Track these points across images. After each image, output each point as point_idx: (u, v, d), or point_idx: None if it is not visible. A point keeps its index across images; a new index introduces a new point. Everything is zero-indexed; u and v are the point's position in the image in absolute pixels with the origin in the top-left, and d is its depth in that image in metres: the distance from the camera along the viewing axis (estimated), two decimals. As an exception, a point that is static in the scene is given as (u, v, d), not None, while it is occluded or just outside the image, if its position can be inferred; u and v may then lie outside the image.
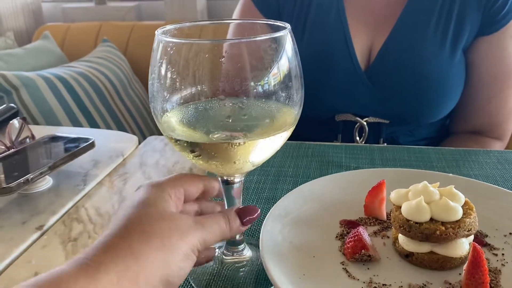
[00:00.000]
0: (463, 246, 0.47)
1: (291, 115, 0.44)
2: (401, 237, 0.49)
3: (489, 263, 0.47)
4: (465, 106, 0.99)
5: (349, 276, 0.46)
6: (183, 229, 0.38)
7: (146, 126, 1.81)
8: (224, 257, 0.51)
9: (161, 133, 0.49)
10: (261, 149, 0.43)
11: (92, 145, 0.73)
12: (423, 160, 0.75)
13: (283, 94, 0.43)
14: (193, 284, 0.48)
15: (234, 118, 0.44)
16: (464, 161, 0.75)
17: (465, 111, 1.00)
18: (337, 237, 0.53)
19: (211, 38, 0.40)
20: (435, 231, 0.46)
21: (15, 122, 0.71)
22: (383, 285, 0.45)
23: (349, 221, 0.55)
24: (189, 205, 0.45)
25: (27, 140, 0.72)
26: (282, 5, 0.99)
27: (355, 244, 0.48)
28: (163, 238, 0.37)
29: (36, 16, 2.75)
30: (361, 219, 0.56)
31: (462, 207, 0.48)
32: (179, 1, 2.34)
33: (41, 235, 0.58)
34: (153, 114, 0.45)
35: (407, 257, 0.48)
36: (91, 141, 0.73)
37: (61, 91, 1.50)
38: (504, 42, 0.93)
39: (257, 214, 0.45)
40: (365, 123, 0.95)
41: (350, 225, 0.54)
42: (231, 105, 0.44)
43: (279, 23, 0.44)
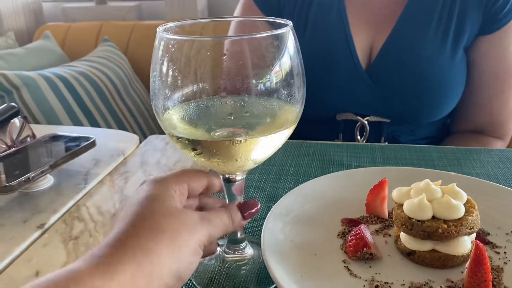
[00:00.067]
0: (465, 244, 0.47)
1: (292, 113, 0.44)
2: (403, 235, 0.49)
3: (491, 261, 0.47)
4: (466, 106, 0.98)
5: (351, 274, 0.46)
6: (190, 225, 0.39)
7: (147, 125, 1.81)
8: (225, 255, 0.51)
9: (162, 132, 0.49)
10: (262, 146, 0.43)
11: (93, 144, 0.73)
12: (425, 159, 0.75)
13: (285, 92, 0.43)
14: (194, 283, 0.48)
15: (235, 116, 0.44)
16: (465, 159, 0.75)
17: (466, 110, 1.00)
18: (338, 235, 0.52)
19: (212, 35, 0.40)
20: (437, 229, 0.46)
21: (16, 121, 0.71)
22: (385, 283, 0.45)
23: (350, 220, 0.55)
24: (190, 200, 0.45)
25: (28, 139, 0.72)
26: (282, 4, 0.98)
27: (357, 242, 0.48)
28: (172, 235, 0.37)
29: (36, 16, 2.76)
30: (362, 217, 0.56)
31: (464, 205, 0.48)
32: (179, 0, 2.34)
33: (42, 234, 0.57)
34: (154, 112, 0.45)
35: (409, 255, 0.48)
36: (92, 140, 0.73)
37: (62, 90, 1.50)
38: (505, 41, 0.93)
39: (257, 208, 0.45)
40: (366, 122, 0.95)
41: (351, 223, 0.54)
42: (232, 102, 0.44)
43: (280, 21, 0.44)
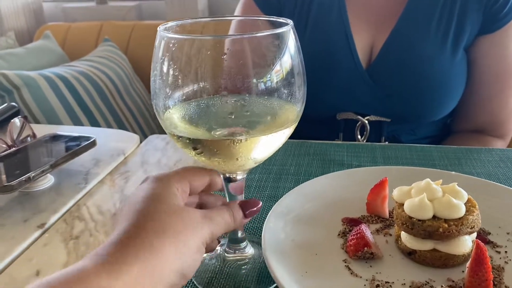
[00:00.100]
0: (466, 243, 0.47)
1: (293, 112, 0.44)
2: (403, 235, 0.49)
3: (492, 260, 0.47)
4: (466, 105, 0.98)
5: (351, 273, 0.46)
6: (193, 223, 0.39)
7: (147, 125, 1.81)
8: (226, 254, 0.51)
9: (162, 131, 0.49)
10: (263, 145, 0.43)
11: (93, 143, 0.73)
12: (425, 158, 0.75)
13: (286, 91, 0.43)
14: (195, 282, 0.48)
15: (236, 115, 0.44)
16: (466, 159, 0.75)
17: (466, 110, 0.99)
18: (339, 235, 0.52)
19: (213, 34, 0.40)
20: (438, 228, 0.46)
21: (16, 121, 0.71)
22: (385, 282, 0.45)
23: (351, 219, 0.55)
24: (190, 197, 0.45)
25: (28, 138, 0.72)
26: (283, 3, 0.98)
27: (357, 242, 0.48)
28: (175, 234, 0.37)
29: (37, 16, 2.76)
30: (363, 217, 0.56)
31: (465, 204, 0.48)
32: (180, 0, 2.34)
33: (43, 233, 0.57)
34: (155, 111, 0.44)
35: (409, 254, 0.48)
36: (92, 140, 0.73)
37: (62, 90, 1.50)
38: (505, 41, 0.93)
39: (259, 207, 0.45)
40: (366, 121, 0.95)
41: (352, 223, 0.54)
42: (233, 101, 0.44)
43: (281, 20, 0.44)
